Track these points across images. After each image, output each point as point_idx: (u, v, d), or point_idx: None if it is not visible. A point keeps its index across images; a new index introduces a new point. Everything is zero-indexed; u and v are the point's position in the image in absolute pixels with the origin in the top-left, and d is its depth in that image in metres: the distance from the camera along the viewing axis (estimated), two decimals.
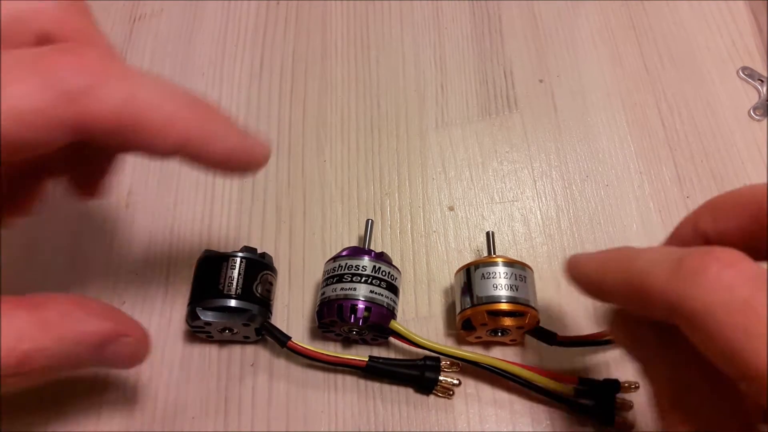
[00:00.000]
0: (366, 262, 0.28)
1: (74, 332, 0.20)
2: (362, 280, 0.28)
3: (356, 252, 0.29)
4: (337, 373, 0.30)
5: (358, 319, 0.27)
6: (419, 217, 0.34)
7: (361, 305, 0.27)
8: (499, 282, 0.27)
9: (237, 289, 0.28)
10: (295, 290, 0.32)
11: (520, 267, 0.28)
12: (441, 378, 0.28)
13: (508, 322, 0.27)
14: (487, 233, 0.31)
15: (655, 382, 0.19)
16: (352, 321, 0.27)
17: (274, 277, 0.30)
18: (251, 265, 0.29)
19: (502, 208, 0.34)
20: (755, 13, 0.39)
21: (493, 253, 0.30)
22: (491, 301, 0.27)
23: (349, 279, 0.28)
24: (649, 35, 0.39)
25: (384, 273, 0.28)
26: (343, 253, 0.29)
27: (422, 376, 0.28)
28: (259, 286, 0.29)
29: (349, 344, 0.31)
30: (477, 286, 0.28)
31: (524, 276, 0.28)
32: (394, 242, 0.33)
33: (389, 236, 0.34)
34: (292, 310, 0.32)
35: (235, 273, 0.28)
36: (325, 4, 0.42)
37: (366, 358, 0.28)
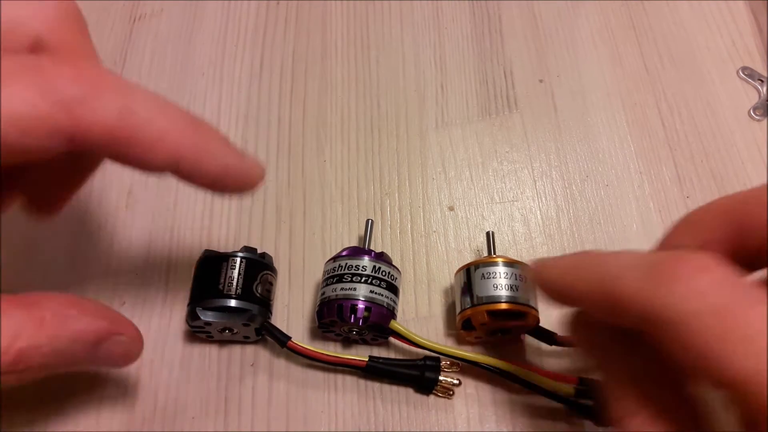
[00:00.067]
0: (366, 262, 0.28)
1: (69, 330, 0.20)
2: (362, 280, 0.28)
3: (356, 252, 0.29)
4: (337, 373, 0.30)
5: (358, 319, 0.27)
6: (419, 217, 0.34)
7: (361, 305, 0.27)
8: (499, 282, 0.27)
9: (237, 289, 0.28)
10: (295, 290, 0.32)
11: (520, 267, 0.28)
12: (441, 378, 0.28)
13: (508, 322, 0.27)
14: (487, 233, 0.31)
15: (616, 387, 0.18)
16: (352, 321, 0.27)
17: (274, 277, 0.30)
18: (251, 265, 0.29)
19: (502, 208, 0.34)
20: (755, 13, 0.39)
21: (493, 253, 0.30)
22: (491, 301, 0.27)
23: (349, 279, 0.28)
24: (649, 35, 0.39)
25: (384, 273, 0.28)
26: (343, 253, 0.29)
27: (422, 376, 0.28)
28: (259, 286, 0.29)
29: (349, 344, 0.31)
30: (477, 286, 0.28)
31: (524, 276, 0.28)
32: (394, 242, 0.33)
33: (389, 236, 0.34)
34: (292, 310, 0.32)
35: (235, 273, 0.28)
36: (325, 4, 0.42)
37: (366, 358, 0.28)
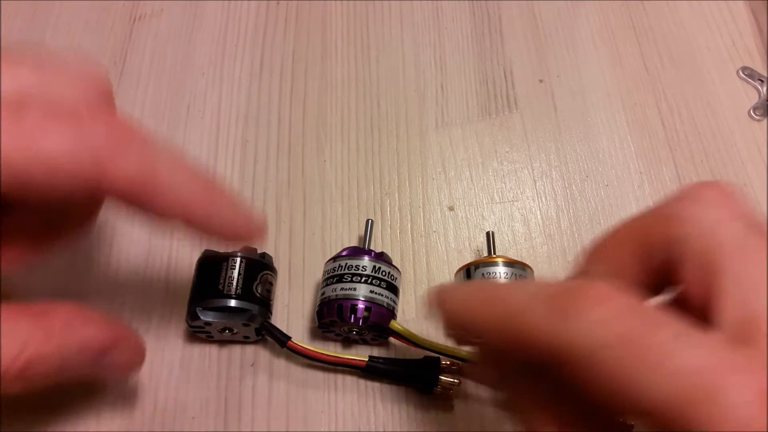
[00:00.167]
0: (366, 262, 0.28)
1: (76, 340, 0.21)
2: (362, 280, 0.28)
3: (356, 252, 0.29)
4: (337, 373, 0.30)
5: (358, 319, 0.27)
6: (419, 217, 0.34)
7: (361, 305, 0.27)
8: (499, 282, 0.27)
9: (237, 289, 0.28)
10: (295, 290, 0.32)
11: (520, 267, 0.28)
12: (441, 378, 0.28)
13: None
14: (487, 233, 0.31)
15: (529, 419, 0.18)
16: (352, 321, 0.27)
17: (274, 277, 0.30)
18: (251, 265, 0.29)
19: (502, 208, 0.34)
20: (755, 13, 0.39)
21: (493, 253, 0.30)
22: None
23: (349, 279, 0.28)
24: (649, 35, 0.39)
25: (384, 273, 0.28)
26: (343, 253, 0.29)
27: (422, 376, 0.28)
28: (259, 286, 0.29)
29: (349, 344, 0.31)
30: None
31: (524, 276, 0.28)
32: (394, 242, 0.33)
33: (389, 236, 0.34)
34: (292, 310, 0.32)
35: (235, 273, 0.28)
36: (325, 4, 0.42)
37: (366, 358, 0.28)
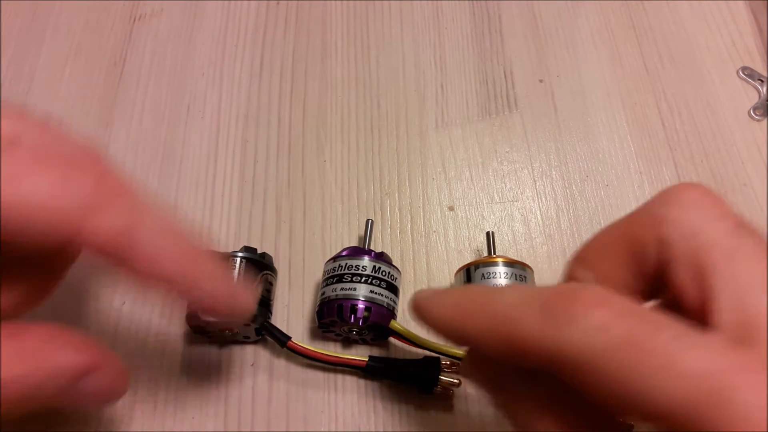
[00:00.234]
0: (366, 262, 0.28)
1: (51, 362, 0.19)
2: (362, 280, 0.28)
3: (356, 252, 0.29)
4: (337, 373, 0.30)
5: (358, 319, 0.27)
6: (419, 217, 0.34)
7: (361, 305, 0.27)
8: (499, 282, 0.27)
9: None
10: (295, 290, 0.32)
11: (520, 267, 0.28)
12: (441, 378, 0.28)
13: None
14: (487, 233, 0.31)
15: (528, 422, 0.17)
16: (352, 321, 0.27)
17: (274, 277, 0.30)
18: (251, 265, 0.29)
19: (502, 208, 0.34)
20: (755, 13, 0.39)
21: (493, 253, 0.30)
22: None
23: (349, 279, 0.28)
24: (649, 35, 0.39)
25: (384, 273, 0.28)
26: (343, 253, 0.29)
27: (422, 376, 0.28)
28: (259, 286, 0.29)
29: (349, 344, 0.31)
30: None
31: (524, 276, 0.28)
32: (394, 242, 0.33)
33: (389, 236, 0.34)
34: (292, 310, 0.32)
35: (235, 273, 0.28)
36: (325, 4, 0.42)
37: (366, 358, 0.28)
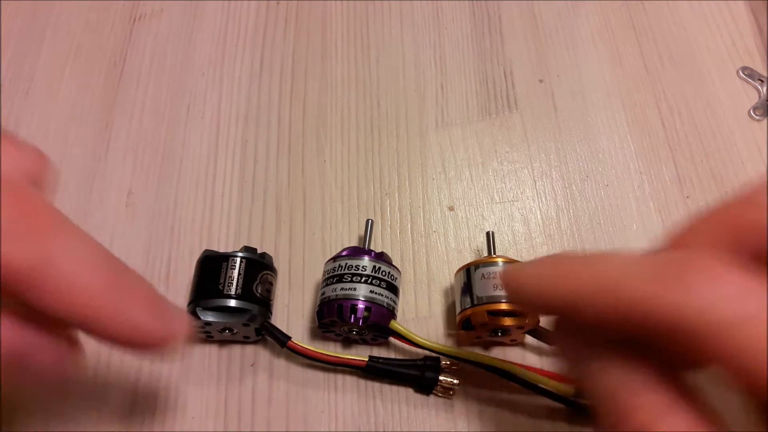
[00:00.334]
0: (366, 262, 0.28)
1: None
2: (362, 280, 0.28)
3: (356, 252, 0.29)
4: (337, 373, 0.30)
5: (358, 319, 0.27)
6: (419, 217, 0.34)
7: (361, 305, 0.27)
8: (500, 282, 0.27)
9: (237, 289, 0.28)
10: (295, 290, 0.32)
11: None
12: (441, 378, 0.28)
13: (508, 322, 0.27)
14: (487, 233, 0.31)
15: (628, 396, 0.16)
16: (352, 321, 0.27)
17: (274, 277, 0.30)
18: (251, 265, 0.29)
19: (502, 208, 0.34)
20: (755, 13, 0.39)
21: (493, 253, 0.30)
22: (491, 301, 0.27)
23: (349, 279, 0.28)
24: (649, 35, 0.39)
25: (384, 273, 0.28)
26: (343, 253, 0.29)
27: (422, 376, 0.28)
28: (259, 286, 0.29)
29: (349, 344, 0.31)
30: (477, 286, 0.28)
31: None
32: (394, 242, 0.33)
33: (389, 236, 0.34)
34: (292, 310, 0.32)
35: (235, 273, 0.28)
36: (325, 4, 0.42)
37: (366, 358, 0.28)
